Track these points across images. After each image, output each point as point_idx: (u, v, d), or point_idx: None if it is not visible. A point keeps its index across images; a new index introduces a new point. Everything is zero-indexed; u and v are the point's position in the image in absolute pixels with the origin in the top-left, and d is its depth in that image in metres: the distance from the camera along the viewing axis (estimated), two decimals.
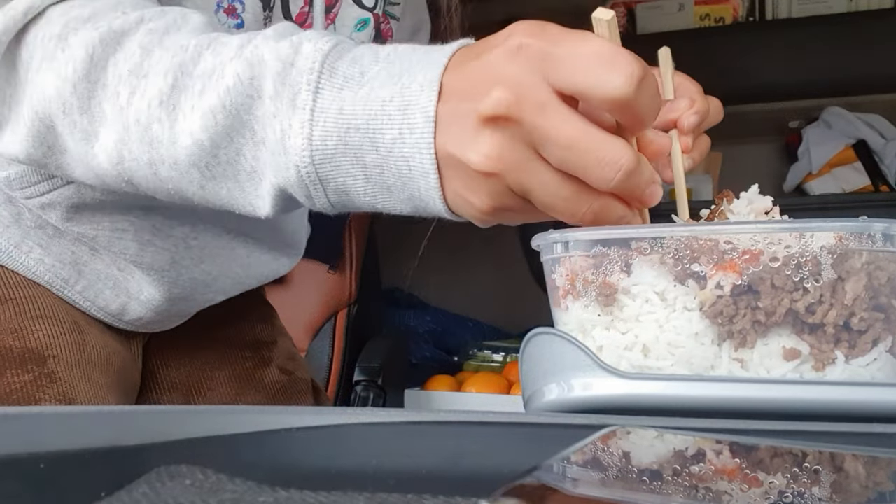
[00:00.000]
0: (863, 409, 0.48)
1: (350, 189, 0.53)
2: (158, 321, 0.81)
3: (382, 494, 0.30)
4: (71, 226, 0.72)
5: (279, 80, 0.52)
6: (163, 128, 0.55)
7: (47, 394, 0.70)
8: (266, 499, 0.30)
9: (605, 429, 0.45)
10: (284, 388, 0.96)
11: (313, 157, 0.51)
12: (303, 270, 1.61)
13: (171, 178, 0.57)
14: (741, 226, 0.55)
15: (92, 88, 0.56)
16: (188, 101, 0.54)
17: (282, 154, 0.52)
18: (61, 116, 0.57)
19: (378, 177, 0.51)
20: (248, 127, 0.53)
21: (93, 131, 0.57)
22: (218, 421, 0.43)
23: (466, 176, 0.49)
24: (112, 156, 0.57)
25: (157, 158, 0.56)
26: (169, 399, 0.89)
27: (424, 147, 0.49)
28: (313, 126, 0.50)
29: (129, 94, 0.55)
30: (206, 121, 0.53)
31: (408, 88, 0.50)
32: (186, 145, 0.54)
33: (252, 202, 0.56)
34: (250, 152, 0.54)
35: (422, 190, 0.51)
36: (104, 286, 0.76)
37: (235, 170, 0.55)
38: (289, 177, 0.53)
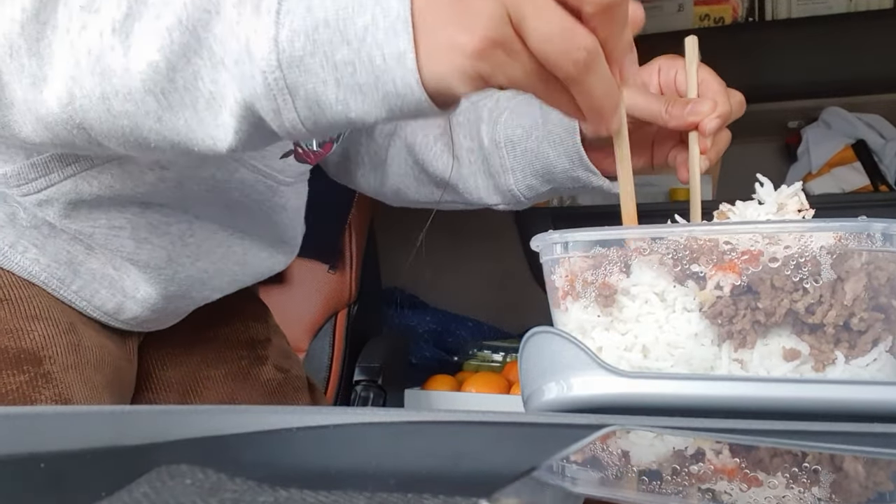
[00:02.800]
0: (863, 408, 0.48)
1: (321, 97, 0.50)
2: (154, 320, 0.81)
3: (382, 494, 0.30)
4: (68, 223, 0.72)
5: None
6: (116, 56, 0.52)
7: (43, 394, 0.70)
8: (266, 498, 0.30)
9: (605, 428, 0.45)
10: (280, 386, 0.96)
11: (280, 61, 0.48)
12: (303, 270, 1.61)
13: (125, 113, 0.53)
14: (740, 226, 0.55)
15: (41, 29, 0.54)
16: (143, 26, 0.51)
17: (247, 62, 0.49)
18: (8, 60, 0.54)
19: (350, 76, 0.49)
20: (206, 46, 0.50)
21: (42, 75, 0.54)
22: (218, 421, 0.43)
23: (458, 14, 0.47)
24: (62, 96, 0.54)
25: (109, 91, 0.53)
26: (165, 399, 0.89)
27: (401, 26, 0.47)
28: (279, 27, 0.48)
29: (81, 28, 0.53)
30: (162, 40, 0.50)
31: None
32: (141, 69, 0.51)
33: (212, 133, 0.53)
34: (209, 75, 0.51)
35: (397, 79, 0.48)
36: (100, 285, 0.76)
37: (193, 96, 0.52)
38: (255, 87, 0.49)
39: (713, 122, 0.66)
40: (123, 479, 0.31)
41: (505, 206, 0.87)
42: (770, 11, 2.01)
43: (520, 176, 0.82)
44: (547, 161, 0.79)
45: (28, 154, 0.70)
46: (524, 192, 0.83)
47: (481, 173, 0.84)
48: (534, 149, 0.79)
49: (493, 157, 0.82)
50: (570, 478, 0.38)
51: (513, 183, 0.82)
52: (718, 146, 0.68)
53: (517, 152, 0.81)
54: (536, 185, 0.82)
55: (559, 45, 0.47)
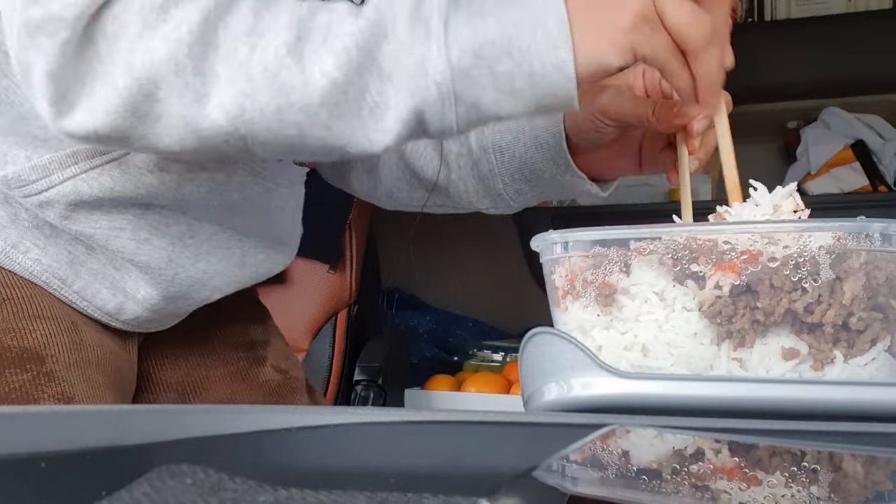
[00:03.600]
0: (862, 408, 0.48)
1: (480, 101, 0.59)
2: (155, 320, 0.82)
3: (382, 494, 0.30)
4: (69, 224, 0.72)
5: (413, 15, 0.59)
6: (293, 73, 0.59)
7: (46, 393, 0.70)
8: (266, 498, 0.30)
9: (605, 428, 0.45)
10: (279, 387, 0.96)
11: (452, 73, 0.58)
12: (303, 270, 1.61)
13: (296, 123, 0.60)
14: (740, 226, 0.55)
15: (205, 50, 0.59)
16: (314, 49, 0.59)
17: (422, 76, 0.59)
18: (172, 79, 0.59)
19: (507, 83, 0.59)
20: (377, 64, 0.59)
21: (205, 91, 0.60)
22: (218, 421, 0.43)
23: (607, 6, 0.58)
24: (231, 110, 0.60)
25: (285, 104, 0.60)
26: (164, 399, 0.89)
27: (561, 42, 0.57)
28: (449, 48, 0.58)
29: (250, 50, 0.59)
30: (341, 59, 0.59)
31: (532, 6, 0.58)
32: (321, 85, 0.59)
33: (370, 137, 0.61)
34: (376, 88, 0.60)
35: (554, 83, 0.58)
36: (101, 285, 0.76)
37: (360, 106, 0.60)
38: (427, 97, 0.59)
39: (701, 122, 0.67)
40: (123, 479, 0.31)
41: (495, 210, 0.88)
42: (770, 11, 2.01)
43: (508, 180, 0.83)
44: (535, 165, 0.80)
45: (28, 156, 0.70)
46: (513, 197, 0.85)
47: (471, 178, 0.85)
48: (521, 154, 0.81)
49: (481, 162, 0.83)
50: (570, 477, 0.39)
51: (501, 187, 0.84)
52: (707, 146, 0.69)
53: (505, 157, 0.82)
54: (525, 189, 0.83)
55: (690, 20, 0.58)
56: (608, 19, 0.58)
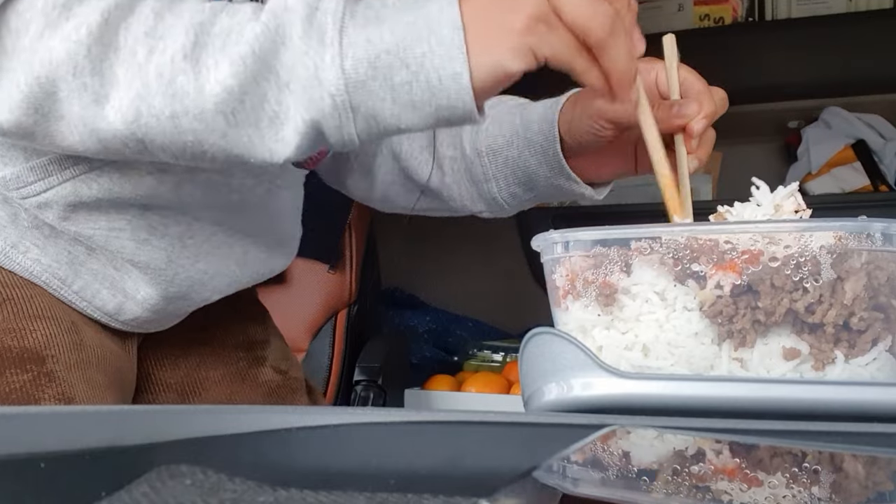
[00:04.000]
0: (862, 408, 0.48)
1: (378, 113, 0.58)
2: (155, 321, 0.82)
3: (382, 494, 0.30)
4: (68, 225, 0.72)
5: (307, 22, 0.57)
6: (188, 79, 0.58)
7: (46, 393, 0.70)
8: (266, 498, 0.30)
9: (605, 428, 0.45)
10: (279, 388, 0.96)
11: (346, 84, 0.57)
12: (303, 270, 1.61)
13: (192, 130, 0.59)
14: (740, 226, 0.55)
15: (104, 51, 0.58)
16: (211, 55, 0.58)
17: (316, 87, 0.57)
18: (70, 80, 0.58)
19: (406, 94, 0.57)
20: (274, 72, 0.58)
21: (104, 93, 0.59)
22: (218, 421, 0.43)
23: (504, 4, 0.56)
24: (127, 114, 0.59)
25: (180, 110, 0.58)
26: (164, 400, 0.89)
27: (456, 52, 0.56)
28: (343, 57, 0.56)
29: (148, 53, 0.58)
30: (236, 67, 0.57)
31: (427, 11, 0.57)
32: (215, 93, 0.58)
33: (270, 147, 0.60)
34: (274, 97, 0.58)
35: (451, 95, 0.57)
36: (101, 286, 0.76)
37: (258, 115, 0.59)
38: (323, 107, 0.57)
39: (700, 122, 0.66)
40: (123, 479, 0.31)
41: (489, 214, 0.89)
42: (770, 11, 2.01)
43: (503, 184, 0.83)
44: (528, 169, 0.80)
45: (27, 157, 0.70)
46: (507, 200, 0.85)
47: (465, 181, 0.85)
48: (515, 157, 0.81)
49: (475, 166, 0.83)
50: (570, 478, 0.38)
51: (496, 191, 0.84)
52: (706, 146, 0.68)
53: (499, 161, 0.82)
54: (519, 192, 0.83)
55: (588, 12, 0.57)
56: (503, 23, 0.57)
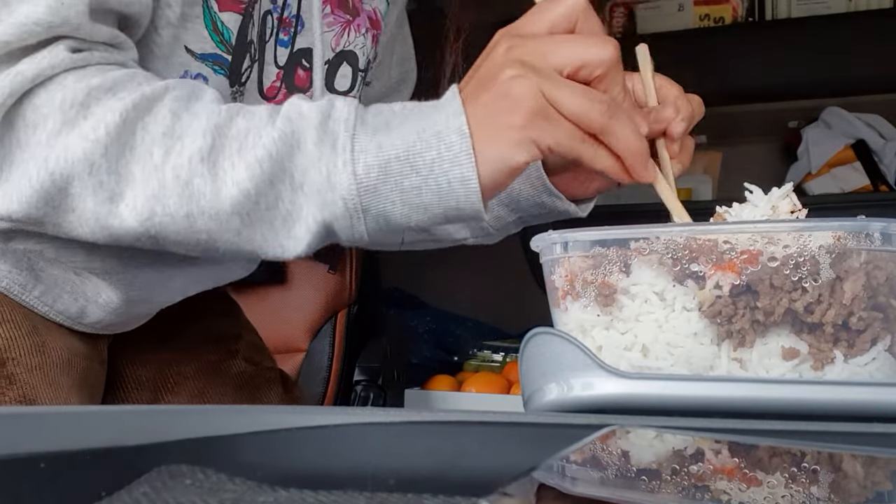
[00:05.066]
0: (862, 408, 0.48)
1: (388, 214, 0.60)
2: (119, 323, 0.81)
3: (382, 494, 0.30)
4: (14, 244, 0.72)
5: (321, 129, 0.59)
6: (205, 182, 0.60)
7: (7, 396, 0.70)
8: (266, 498, 0.30)
9: (605, 428, 0.45)
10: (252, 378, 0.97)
11: (358, 189, 0.59)
12: (303, 270, 1.61)
13: (207, 229, 0.61)
14: (739, 226, 0.55)
15: (121, 150, 0.60)
16: (228, 157, 0.60)
17: (328, 191, 0.59)
18: (85, 177, 0.60)
19: (416, 198, 0.59)
20: (289, 174, 0.60)
21: (119, 192, 0.60)
22: (218, 421, 0.43)
23: (503, 104, 0.58)
24: (142, 213, 0.60)
25: (196, 211, 0.60)
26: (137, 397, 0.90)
27: (464, 158, 0.58)
28: (355, 163, 0.59)
29: (164, 154, 0.60)
30: (253, 170, 0.59)
31: (435, 120, 0.59)
32: (232, 195, 0.60)
33: (283, 244, 0.62)
34: (288, 197, 0.60)
35: (460, 198, 0.59)
36: (62, 290, 0.75)
37: (272, 215, 0.61)
38: (335, 210, 0.60)
39: (680, 125, 0.67)
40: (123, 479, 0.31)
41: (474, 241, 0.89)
42: (770, 11, 2.01)
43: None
44: (511, 190, 0.81)
45: None
46: (492, 224, 0.85)
47: None
48: None
49: None
50: (570, 477, 0.39)
51: None
52: (687, 151, 0.69)
53: None
54: (503, 214, 0.84)
55: (585, 101, 0.59)
56: (504, 121, 0.58)
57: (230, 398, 0.94)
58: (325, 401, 1.57)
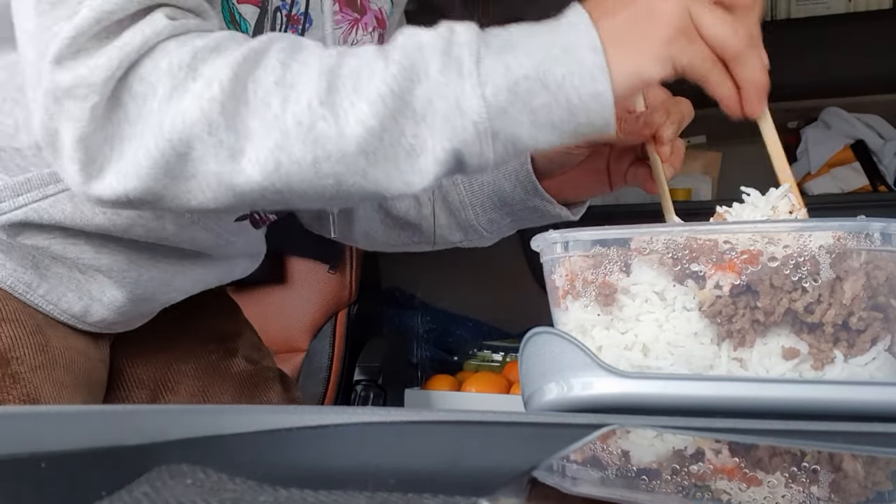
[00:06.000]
0: (862, 408, 0.48)
1: (517, 136, 0.59)
2: (122, 322, 0.82)
3: (382, 494, 0.30)
4: (21, 240, 0.72)
5: (444, 55, 0.58)
6: (328, 124, 0.58)
7: (11, 394, 0.71)
8: (266, 498, 0.30)
9: (605, 428, 0.45)
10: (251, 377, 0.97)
11: (489, 112, 0.58)
12: (303, 270, 1.61)
13: (333, 174, 0.60)
14: (739, 226, 0.55)
15: (237, 106, 0.58)
16: (346, 97, 0.59)
17: (458, 117, 0.58)
18: (205, 137, 0.58)
19: (545, 116, 0.58)
20: (410, 107, 0.58)
21: (239, 148, 0.59)
22: (218, 421, 0.43)
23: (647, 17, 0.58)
24: (266, 165, 0.59)
25: (322, 155, 0.59)
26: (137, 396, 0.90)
27: (598, 72, 0.57)
28: (483, 86, 0.58)
29: (282, 102, 0.58)
30: (376, 107, 0.58)
31: (562, 36, 0.58)
32: (357, 133, 0.58)
33: (407, 179, 0.60)
34: (410, 131, 0.59)
35: (592, 113, 0.58)
36: (66, 289, 0.76)
37: (396, 151, 0.59)
38: (465, 137, 0.58)
39: (669, 128, 0.69)
40: (123, 479, 0.31)
41: (468, 244, 0.90)
42: (770, 12, 2.01)
43: (479, 210, 0.85)
44: (503, 193, 0.82)
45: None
46: (485, 227, 0.86)
47: (442, 212, 0.86)
48: (490, 182, 0.83)
49: (451, 194, 0.85)
50: (570, 477, 0.39)
51: (473, 218, 0.85)
52: (678, 154, 0.70)
53: (474, 187, 0.84)
54: (496, 217, 0.85)
55: (728, 28, 0.59)
56: (645, 34, 0.58)
57: (230, 397, 0.94)
58: (325, 401, 1.57)
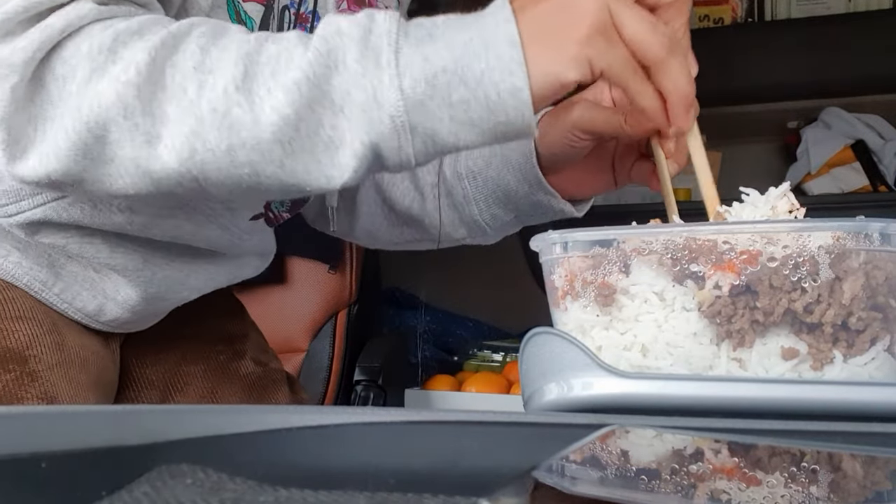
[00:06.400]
0: (861, 408, 0.48)
1: (436, 132, 0.57)
2: (134, 321, 0.82)
3: (382, 494, 0.30)
4: (39, 238, 0.73)
5: (362, 44, 0.57)
6: (243, 111, 0.57)
7: (29, 392, 0.71)
8: (266, 498, 0.30)
9: (605, 428, 0.45)
10: (259, 379, 0.97)
11: (406, 104, 0.56)
12: (303, 270, 1.61)
13: (249, 162, 0.59)
14: (739, 226, 0.55)
15: (153, 90, 0.58)
16: (262, 84, 0.57)
17: (375, 109, 0.56)
18: (121, 121, 0.58)
19: (464, 112, 0.56)
20: (328, 97, 0.57)
21: (155, 133, 0.58)
22: (218, 421, 0.43)
23: (566, 14, 0.56)
24: (182, 152, 0.58)
25: (236, 143, 0.58)
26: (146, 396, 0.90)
27: (515, 66, 0.55)
28: (401, 77, 0.56)
29: (198, 88, 0.57)
30: (291, 95, 0.56)
31: (482, 29, 0.56)
32: (272, 122, 0.57)
33: (327, 173, 0.59)
34: (329, 122, 0.57)
35: (510, 110, 0.56)
36: (81, 287, 0.76)
37: (313, 142, 0.58)
38: (382, 130, 0.57)
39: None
40: (123, 479, 0.31)
41: (471, 240, 0.89)
42: (770, 11, 2.01)
43: (483, 206, 0.84)
44: (508, 188, 0.81)
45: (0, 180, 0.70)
46: (489, 223, 0.85)
47: (445, 207, 0.86)
48: (494, 177, 0.82)
49: (455, 189, 0.84)
50: (570, 477, 0.39)
51: (477, 213, 0.84)
52: (683, 148, 0.69)
53: (479, 182, 0.83)
54: (500, 213, 0.84)
55: (648, 30, 0.57)
56: (562, 32, 0.56)
57: (238, 399, 0.95)
58: (325, 401, 1.57)
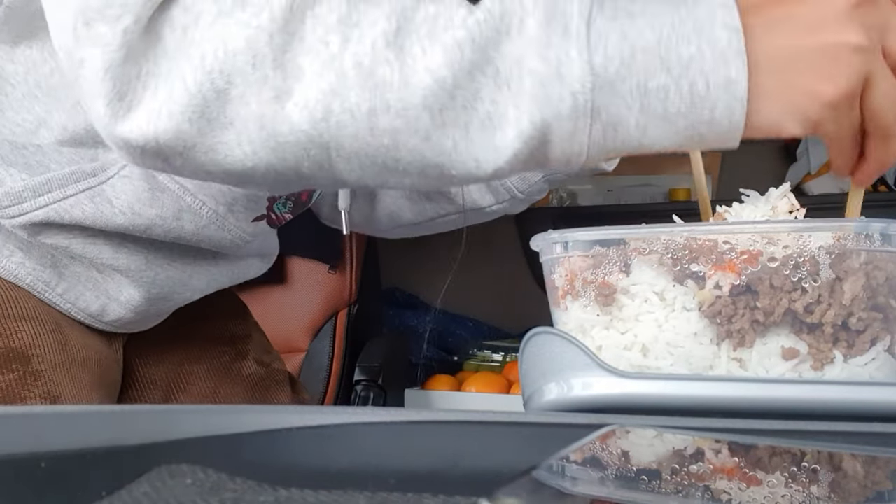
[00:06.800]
0: (861, 408, 0.48)
1: (620, 121, 0.50)
2: (137, 321, 0.82)
3: (382, 494, 0.30)
4: (42, 239, 0.73)
5: (548, 9, 0.49)
6: (392, 69, 0.50)
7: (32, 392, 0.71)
8: (266, 498, 0.30)
9: (605, 428, 0.45)
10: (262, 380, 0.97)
11: (594, 84, 0.49)
12: (303, 270, 1.61)
13: (391, 130, 0.51)
14: (739, 226, 0.55)
15: (288, 41, 0.50)
16: (417, 42, 0.50)
17: (555, 83, 0.49)
18: (249, 72, 0.50)
19: (659, 102, 0.49)
20: (493, 65, 0.50)
21: (286, 88, 0.51)
22: (218, 421, 0.43)
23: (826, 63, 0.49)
24: (315, 112, 0.51)
25: (380, 105, 0.51)
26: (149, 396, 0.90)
27: (732, 55, 0.48)
28: (592, 52, 0.49)
29: (343, 41, 0.50)
30: (452, 55, 0.49)
31: (694, 10, 0.49)
32: (425, 84, 0.50)
33: (478, 156, 0.52)
34: (489, 94, 0.50)
35: (718, 106, 0.49)
36: (84, 288, 0.76)
37: (469, 115, 0.51)
38: (560, 109, 0.49)
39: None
40: (123, 479, 0.31)
41: (498, 206, 0.88)
42: None
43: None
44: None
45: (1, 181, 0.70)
46: (517, 185, 0.84)
47: None
48: None
49: None
50: (570, 477, 0.39)
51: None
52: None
53: None
54: (529, 174, 0.83)
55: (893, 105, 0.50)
56: (813, 86, 0.49)
57: (241, 399, 0.95)
58: (325, 401, 1.57)
